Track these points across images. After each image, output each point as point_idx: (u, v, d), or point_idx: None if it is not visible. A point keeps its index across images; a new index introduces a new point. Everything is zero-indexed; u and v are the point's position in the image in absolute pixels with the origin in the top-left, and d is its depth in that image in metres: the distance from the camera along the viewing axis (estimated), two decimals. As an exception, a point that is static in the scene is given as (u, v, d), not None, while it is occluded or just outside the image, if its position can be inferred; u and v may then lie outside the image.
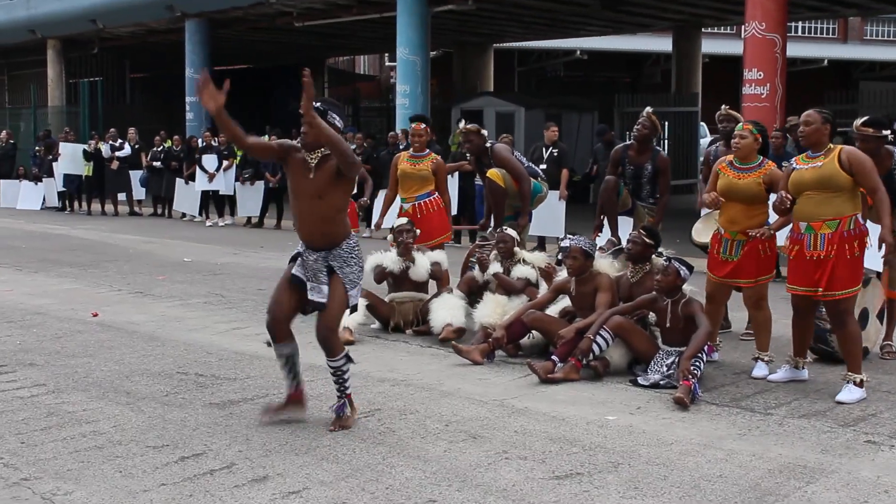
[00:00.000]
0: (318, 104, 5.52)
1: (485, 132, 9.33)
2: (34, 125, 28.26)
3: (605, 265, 7.38)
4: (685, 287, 6.91)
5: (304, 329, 5.99)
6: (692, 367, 6.36)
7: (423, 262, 8.45)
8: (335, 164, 5.47)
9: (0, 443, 5.31)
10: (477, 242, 9.39)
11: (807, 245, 6.44)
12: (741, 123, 7.36)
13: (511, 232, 8.32)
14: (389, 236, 8.82)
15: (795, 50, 30.05)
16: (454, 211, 15.58)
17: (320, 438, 5.44)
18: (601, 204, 8.91)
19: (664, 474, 4.93)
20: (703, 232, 8.15)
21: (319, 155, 5.52)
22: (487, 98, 26.90)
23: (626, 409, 6.13)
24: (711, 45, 31.85)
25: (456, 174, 15.74)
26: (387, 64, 38.29)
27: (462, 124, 9.35)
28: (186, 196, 19.67)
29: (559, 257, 7.81)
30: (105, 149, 20.65)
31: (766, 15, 15.63)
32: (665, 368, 6.71)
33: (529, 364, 6.77)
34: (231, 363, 7.24)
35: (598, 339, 6.83)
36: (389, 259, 8.54)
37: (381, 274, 8.49)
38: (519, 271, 8.09)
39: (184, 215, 20.02)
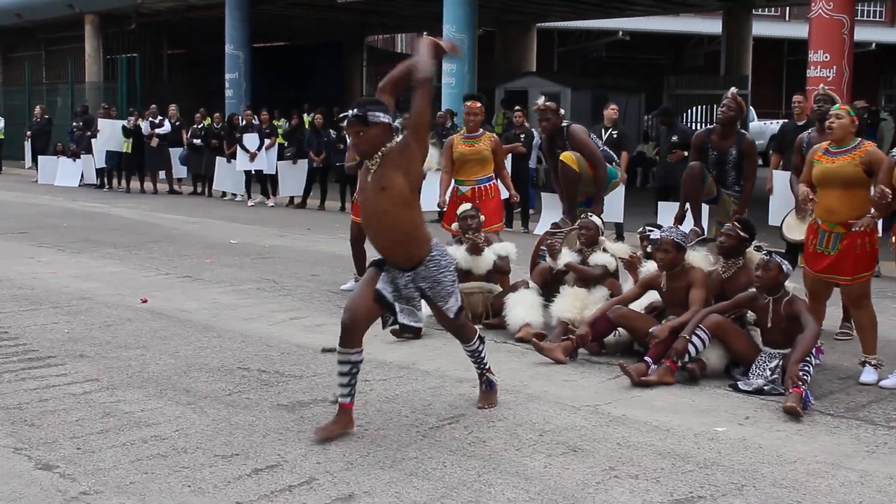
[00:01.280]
0: (355, 110, 4.93)
1: (563, 111, 8.78)
2: (71, 101, 27.91)
3: (699, 258, 6.80)
4: (787, 284, 6.34)
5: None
6: (801, 373, 5.80)
7: (488, 255, 7.87)
8: (399, 169, 4.95)
9: (55, 448, 4.82)
10: (548, 230, 8.81)
11: None
12: (836, 104, 6.73)
13: (595, 219, 7.76)
14: (455, 224, 8.28)
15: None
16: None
17: (405, 449, 4.92)
18: (685, 192, 8.32)
19: (797, 499, 4.38)
20: (795, 228, 7.56)
21: (378, 160, 4.99)
22: (532, 78, 26.32)
23: (734, 418, 5.57)
24: (755, 28, 31.03)
25: (508, 156, 15.21)
26: (425, 43, 37.66)
27: (542, 100, 8.76)
28: (228, 175, 19.19)
29: (647, 250, 7.26)
30: (145, 126, 20.21)
31: (834, -6, 14.95)
32: (769, 373, 6.14)
33: (622, 366, 6.22)
34: (294, 357, 6.73)
35: (695, 339, 6.27)
36: (460, 255, 7.99)
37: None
38: (597, 258, 7.52)
39: (224, 194, 19.58)
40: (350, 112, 4.95)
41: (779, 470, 4.75)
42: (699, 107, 25.53)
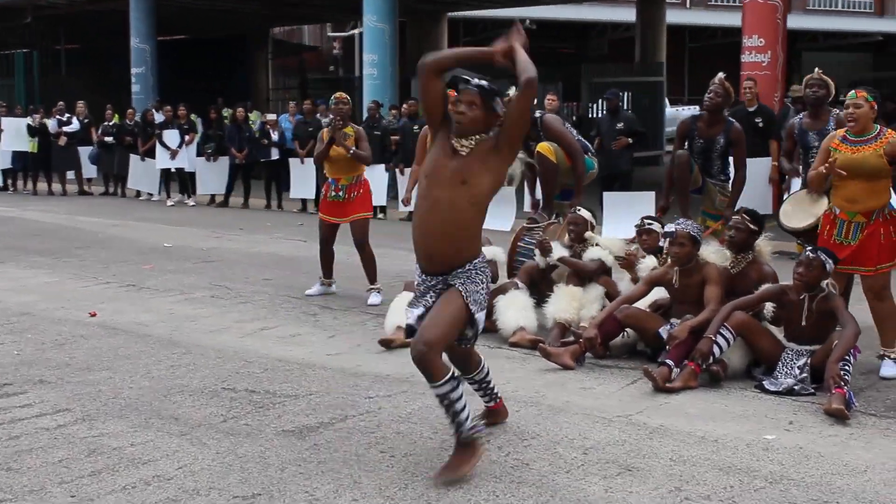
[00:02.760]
0: (485, 83, 4.37)
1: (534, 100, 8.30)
2: (-37, 100, 26.42)
3: (713, 254, 6.41)
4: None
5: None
6: (842, 373, 5.45)
7: None
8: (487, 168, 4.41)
9: (45, 498, 4.16)
10: (525, 225, 8.36)
11: None
12: (853, 91, 6.40)
13: (584, 213, 7.32)
14: None
15: (738, 20, 29.47)
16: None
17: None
18: (671, 182, 7.95)
19: (889, 517, 4.01)
20: (793, 215, 7.19)
21: (474, 142, 4.43)
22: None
23: (777, 423, 5.20)
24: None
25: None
26: (328, 34, 36.91)
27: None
28: (143, 174, 18.28)
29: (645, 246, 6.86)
30: (52, 124, 19.10)
31: (768, -20, 14.84)
32: (797, 371, 5.79)
33: (645, 370, 5.79)
34: (281, 374, 6.13)
35: (720, 339, 5.88)
36: None
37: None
38: (591, 254, 7.09)
39: (138, 194, 18.64)
40: (481, 81, 4.36)
41: (854, 482, 4.38)
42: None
